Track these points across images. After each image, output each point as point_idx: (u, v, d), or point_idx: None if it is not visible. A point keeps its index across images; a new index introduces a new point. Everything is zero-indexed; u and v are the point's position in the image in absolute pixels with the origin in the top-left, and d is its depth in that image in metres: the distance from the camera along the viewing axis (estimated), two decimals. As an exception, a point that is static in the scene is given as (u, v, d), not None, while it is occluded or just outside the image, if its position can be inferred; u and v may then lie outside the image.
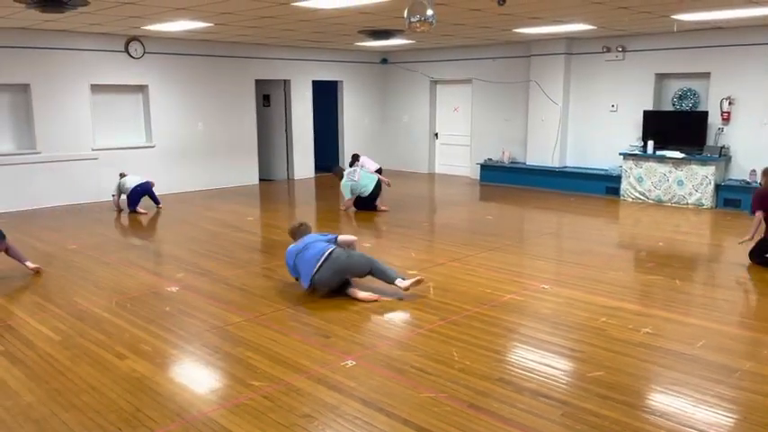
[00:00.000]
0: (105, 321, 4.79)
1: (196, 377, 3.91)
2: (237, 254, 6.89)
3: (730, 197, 9.39)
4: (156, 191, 9.59)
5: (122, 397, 3.54)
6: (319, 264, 5.15)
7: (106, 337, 4.45)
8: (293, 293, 5.42)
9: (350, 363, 3.99)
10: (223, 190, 11.55)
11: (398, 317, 5.01)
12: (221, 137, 11.80)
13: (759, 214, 6.19)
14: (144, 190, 9.33)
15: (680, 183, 9.70)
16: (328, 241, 5.39)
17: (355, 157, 10.63)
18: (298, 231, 5.64)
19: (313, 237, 5.49)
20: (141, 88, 10.78)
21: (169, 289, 5.60)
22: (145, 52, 10.49)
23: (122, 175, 9.42)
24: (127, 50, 10.31)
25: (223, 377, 3.84)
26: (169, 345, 4.32)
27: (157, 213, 9.32)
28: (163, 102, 10.91)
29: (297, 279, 5.45)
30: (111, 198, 9.53)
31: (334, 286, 5.28)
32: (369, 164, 10.48)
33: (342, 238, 5.50)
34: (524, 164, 11.98)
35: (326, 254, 5.19)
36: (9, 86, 9.42)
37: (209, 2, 6.80)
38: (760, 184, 6.50)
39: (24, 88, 9.52)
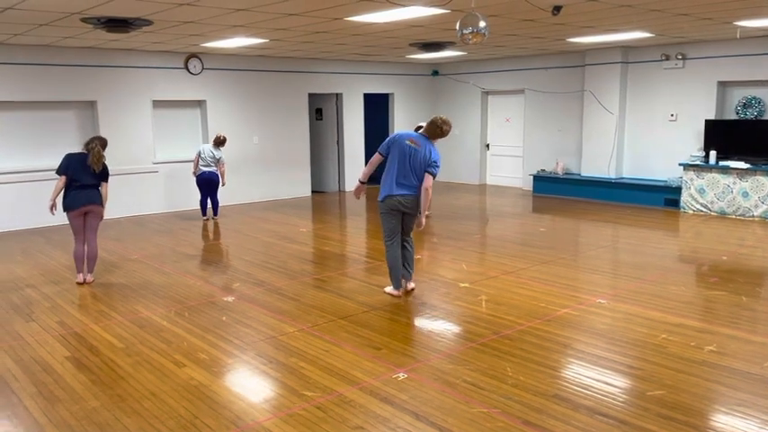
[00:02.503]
0: (165, 330, 4.94)
1: (251, 386, 3.98)
2: (291, 265, 6.99)
3: (800, 209, 8.97)
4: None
5: (180, 404, 3.64)
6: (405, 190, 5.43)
7: (166, 345, 4.58)
8: (345, 305, 5.46)
9: (402, 375, 3.98)
10: (277, 202, 11.77)
11: (450, 330, 4.98)
12: (275, 150, 12.04)
13: None
14: (209, 179, 9.57)
15: (745, 194, 9.31)
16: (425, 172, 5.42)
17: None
18: (435, 129, 5.55)
19: (426, 154, 5.45)
20: (199, 103, 11.13)
21: (225, 299, 5.74)
22: (203, 68, 10.84)
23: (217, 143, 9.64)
24: (186, 67, 10.67)
25: (277, 387, 3.90)
26: (225, 354, 4.42)
27: (214, 225, 9.57)
28: (220, 116, 11.23)
29: (382, 155, 5.71)
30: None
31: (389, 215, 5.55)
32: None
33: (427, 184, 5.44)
34: (579, 175, 11.75)
35: (415, 186, 5.44)
36: (77, 103, 9.88)
37: (265, 19, 6.98)
38: None
39: (91, 105, 9.97)
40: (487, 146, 13.81)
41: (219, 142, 9.61)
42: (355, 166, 13.43)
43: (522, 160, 13.01)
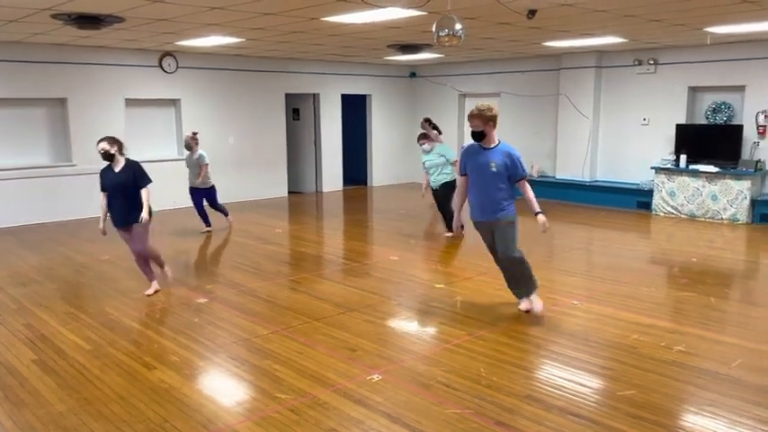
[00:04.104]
0: (135, 332, 4.86)
1: (223, 389, 3.93)
2: (265, 266, 6.93)
3: (767, 212, 9.15)
4: (188, 203, 9.66)
5: (150, 407, 3.58)
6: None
7: (135, 348, 4.51)
8: (320, 306, 5.43)
9: (376, 377, 3.97)
10: (252, 202, 11.67)
11: (425, 331, 4.98)
12: (251, 150, 11.94)
13: None
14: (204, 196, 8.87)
15: (714, 197, 9.49)
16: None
17: (427, 121, 8.59)
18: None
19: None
20: (174, 102, 11.00)
21: (198, 300, 5.66)
22: (178, 67, 10.71)
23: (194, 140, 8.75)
24: (161, 65, 10.54)
25: (249, 389, 3.85)
26: (197, 356, 4.36)
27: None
28: (195, 115, 11.10)
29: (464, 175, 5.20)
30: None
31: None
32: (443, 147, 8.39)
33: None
34: (554, 177, 11.86)
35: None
36: (46, 101, 9.69)
37: (241, 18, 6.92)
38: None
39: (61, 102, 9.79)
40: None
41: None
42: (332, 167, 13.40)
43: (497, 162, 13.06)
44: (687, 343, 4.53)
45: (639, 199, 10.48)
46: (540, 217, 4.98)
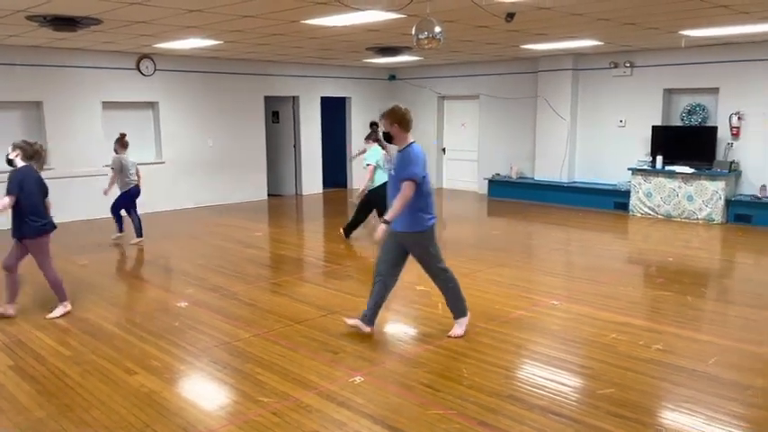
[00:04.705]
0: (115, 337, 4.80)
1: (205, 393, 3.91)
2: (246, 269, 6.90)
3: (741, 212, 9.33)
4: (166, 206, 9.58)
5: (131, 413, 3.55)
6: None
7: (116, 353, 4.46)
8: (302, 309, 5.42)
9: (358, 379, 3.98)
10: (232, 206, 11.60)
11: (407, 333, 5.00)
12: (231, 153, 11.88)
13: None
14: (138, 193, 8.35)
15: (690, 198, 9.66)
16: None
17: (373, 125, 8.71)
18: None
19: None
20: (152, 105, 10.90)
21: (178, 304, 5.62)
22: (156, 69, 10.61)
23: (122, 145, 8.14)
24: (138, 68, 10.44)
25: (231, 393, 3.84)
26: (178, 360, 4.33)
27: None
28: (173, 118, 11.02)
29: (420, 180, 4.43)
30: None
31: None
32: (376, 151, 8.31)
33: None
34: (532, 179, 11.97)
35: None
36: (22, 104, 9.54)
37: (219, 20, 6.89)
38: None
39: (37, 105, 9.64)
40: (444, 150, 13.94)
41: (126, 145, 8.27)
42: (312, 170, 13.37)
43: (477, 164, 13.17)
44: (664, 341, 4.61)
45: (617, 200, 10.63)
46: (381, 225, 4.49)
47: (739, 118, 9.48)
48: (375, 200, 7.95)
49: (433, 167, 13.97)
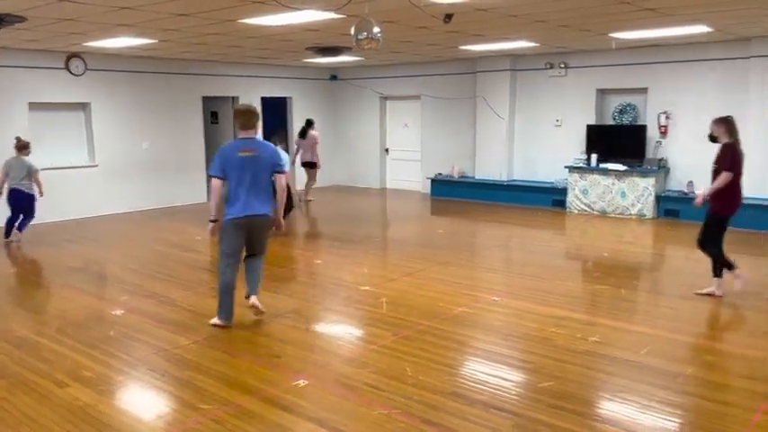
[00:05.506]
0: (45, 348, 4.58)
1: (142, 403, 3.78)
2: (185, 274, 6.72)
3: (670, 207, 9.75)
4: (100, 211, 9.22)
5: (63, 428, 3.39)
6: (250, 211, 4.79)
7: (46, 365, 4.25)
8: (244, 313, 5.31)
9: (302, 382, 3.93)
10: (170, 209, 11.28)
11: (351, 333, 4.98)
12: (168, 155, 11.55)
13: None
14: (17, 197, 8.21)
15: (623, 194, 10.01)
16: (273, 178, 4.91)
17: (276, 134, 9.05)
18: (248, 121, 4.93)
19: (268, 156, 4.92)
20: (83, 106, 10.47)
21: (113, 312, 5.41)
22: (86, 69, 10.21)
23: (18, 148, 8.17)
24: (67, 67, 10.01)
25: (171, 402, 3.72)
26: (113, 370, 4.17)
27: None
28: (106, 120, 10.62)
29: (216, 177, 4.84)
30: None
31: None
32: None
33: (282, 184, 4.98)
34: (473, 178, 12.16)
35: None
36: (-60, 105, 9.00)
37: (152, 18, 6.68)
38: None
39: (-43, 107, 9.12)
40: (387, 150, 13.98)
41: (23, 147, 8.25)
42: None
43: (420, 164, 13.28)
44: (601, 333, 4.75)
45: (554, 197, 10.92)
46: (210, 225, 4.99)
47: (667, 117, 9.90)
48: None
49: (377, 168, 14.01)
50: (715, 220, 5.59)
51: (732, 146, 5.45)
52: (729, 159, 5.40)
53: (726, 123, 5.50)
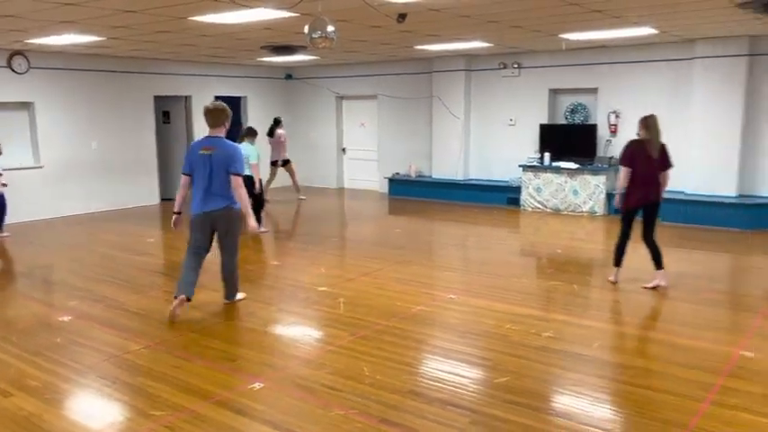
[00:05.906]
0: (-14, 358, 4.39)
1: (91, 411, 3.66)
2: (137, 278, 6.55)
3: (620, 204, 10.00)
4: (46, 214, 8.92)
5: (6, 439, 3.26)
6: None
7: (-13, 375, 4.08)
8: (197, 317, 5.21)
9: (258, 385, 3.87)
10: (121, 211, 10.98)
11: (308, 335, 4.94)
12: (118, 155, 11.24)
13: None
14: None
15: (575, 192, 10.23)
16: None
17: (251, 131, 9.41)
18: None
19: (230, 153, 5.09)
20: (26, 105, 10.09)
21: (60, 319, 5.23)
22: (30, 67, 9.84)
23: None
24: (10, 65, 9.63)
25: (121, 409, 3.61)
26: (60, 378, 4.02)
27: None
28: (51, 120, 10.26)
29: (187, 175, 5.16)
30: None
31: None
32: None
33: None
34: (430, 177, 12.23)
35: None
36: None
37: (98, 15, 6.48)
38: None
39: None
40: (344, 150, 13.94)
41: None
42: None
43: (377, 164, 13.28)
44: (554, 329, 4.84)
45: (509, 195, 11.07)
46: (174, 217, 5.40)
47: (617, 116, 10.16)
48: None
49: (334, 167, 13.95)
50: (621, 213, 6.01)
51: (633, 143, 5.79)
52: (627, 156, 5.76)
53: (642, 121, 5.83)
